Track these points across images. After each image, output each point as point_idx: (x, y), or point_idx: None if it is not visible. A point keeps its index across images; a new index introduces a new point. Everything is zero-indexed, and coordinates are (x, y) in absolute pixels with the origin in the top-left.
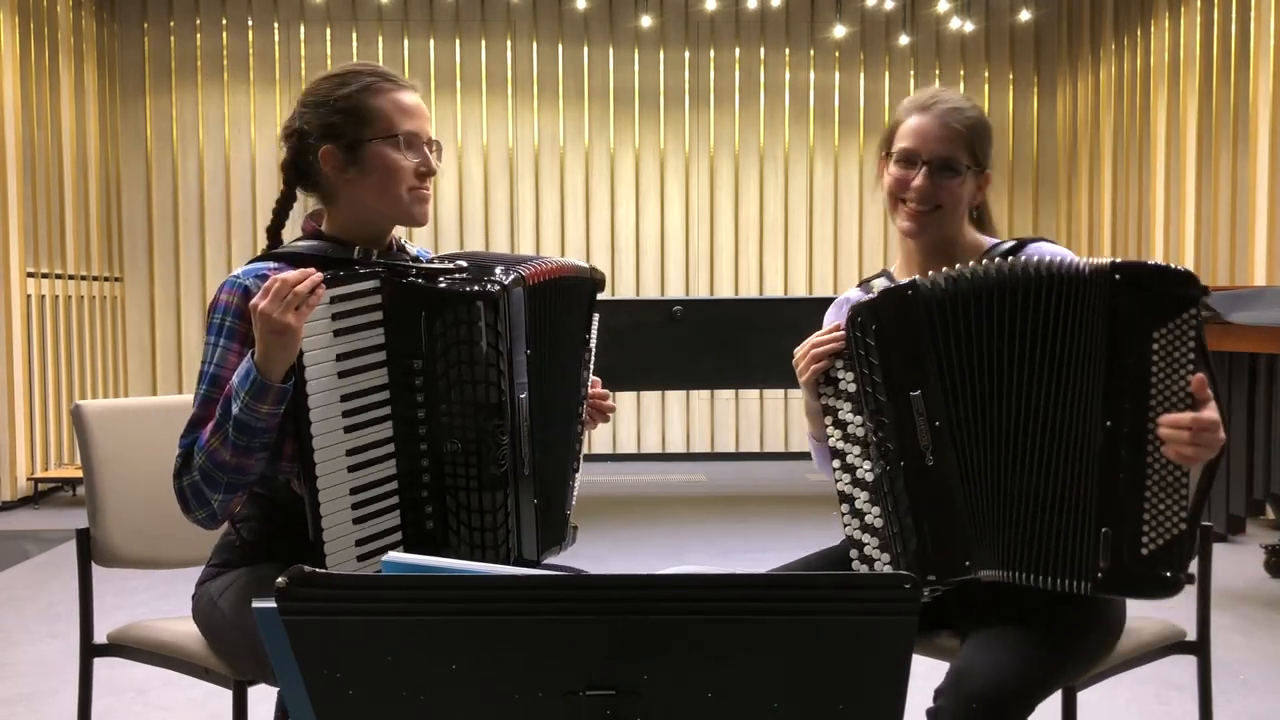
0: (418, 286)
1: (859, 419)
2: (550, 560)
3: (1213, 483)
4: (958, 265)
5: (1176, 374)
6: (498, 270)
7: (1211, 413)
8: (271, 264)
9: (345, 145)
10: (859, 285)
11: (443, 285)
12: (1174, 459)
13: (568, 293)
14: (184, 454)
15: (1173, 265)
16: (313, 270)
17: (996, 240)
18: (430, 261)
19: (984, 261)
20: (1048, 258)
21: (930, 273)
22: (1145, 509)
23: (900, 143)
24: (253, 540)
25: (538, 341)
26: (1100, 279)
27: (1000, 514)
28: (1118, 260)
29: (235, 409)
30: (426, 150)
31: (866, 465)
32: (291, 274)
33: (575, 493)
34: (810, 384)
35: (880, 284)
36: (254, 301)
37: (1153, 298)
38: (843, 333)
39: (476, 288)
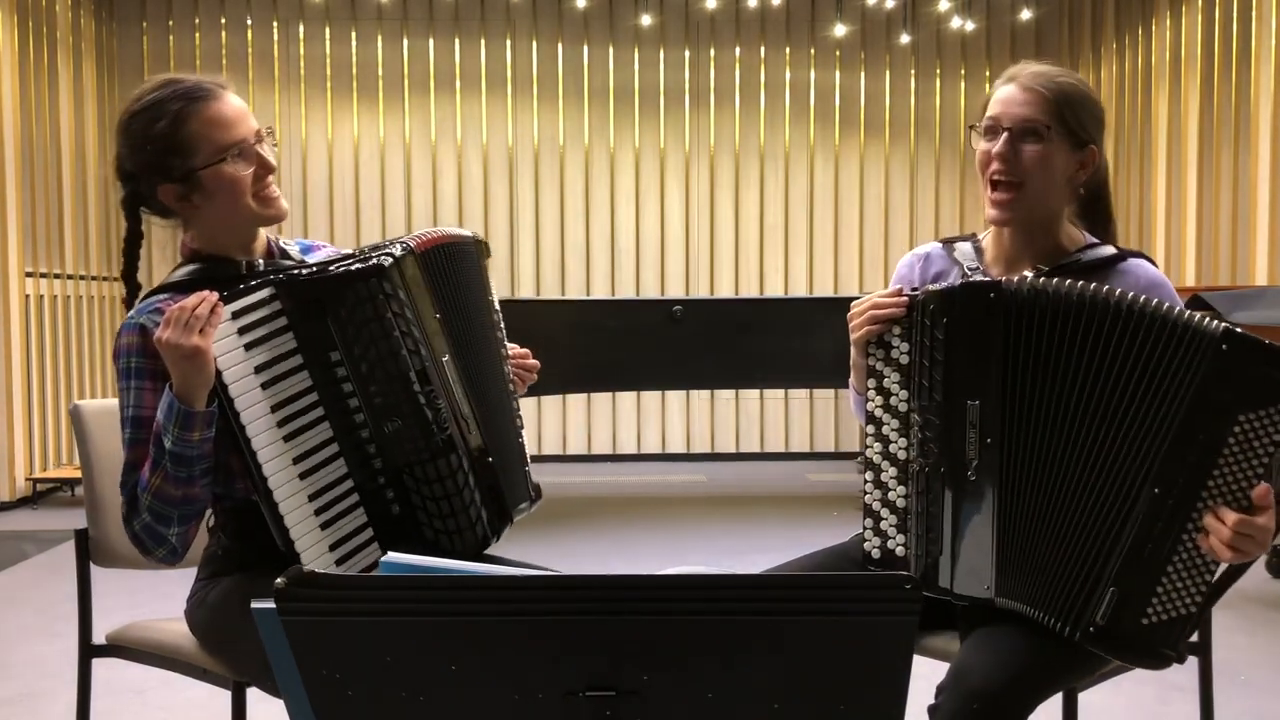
0: (312, 281)
1: (904, 394)
2: (524, 511)
3: (1238, 577)
4: (1039, 279)
5: (1248, 464)
6: (385, 246)
7: (1265, 520)
8: (162, 296)
9: (179, 179)
10: (942, 242)
11: (335, 272)
12: (1206, 550)
13: (459, 257)
14: (128, 499)
15: None
16: (207, 292)
17: (1094, 241)
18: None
19: (1069, 283)
20: (1154, 300)
21: (1017, 278)
22: (1161, 583)
23: (987, 115)
24: (234, 547)
25: (445, 305)
26: (1205, 342)
27: (1035, 549)
28: (1229, 328)
29: (168, 444)
30: (259, 149)
31: (902, 442)
32: (188, 300)
33: (527, 451)
34: (860, 343)
35: (965, 250)
36: (157, 335)
37: (1253, 380)
38: (906, 300)
39: (368, 265)
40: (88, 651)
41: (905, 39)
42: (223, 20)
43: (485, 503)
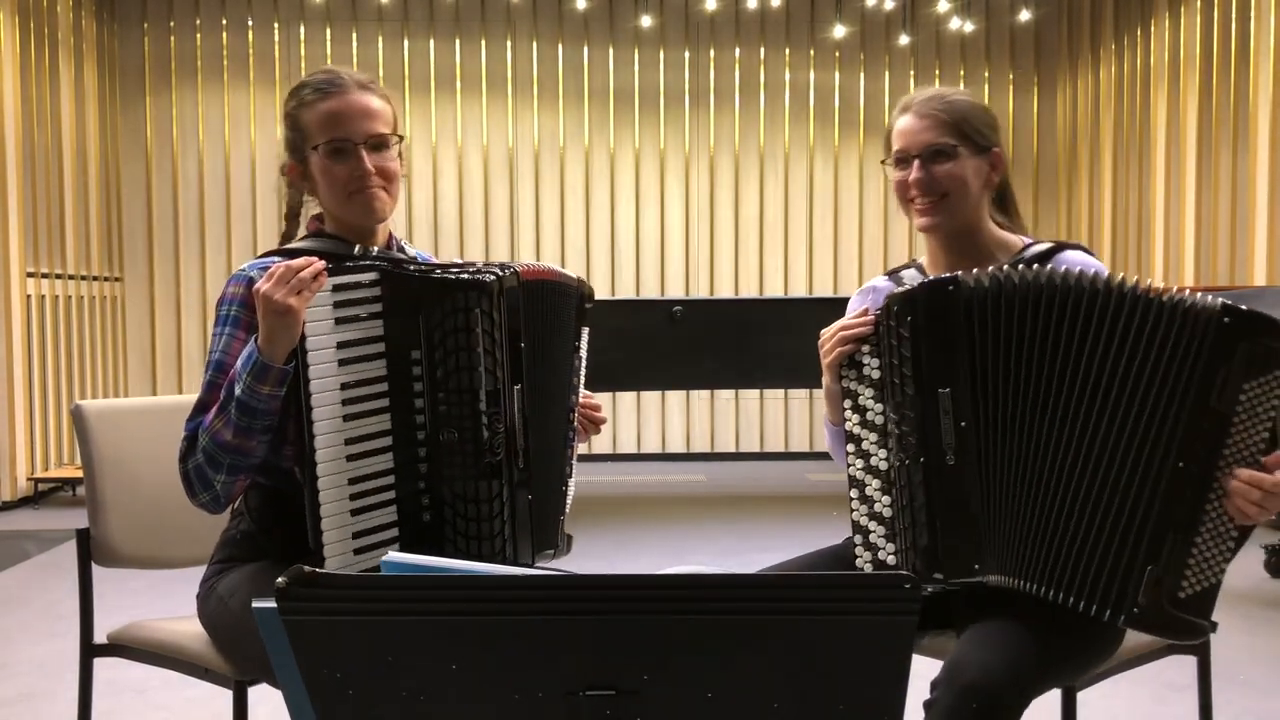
0: (416, 278)
1: (879, 407)
2: (543, 565)
3: (1249, 535)
4: (1004, 267)
5: (1255, 429)
6: (492, 265)
7: None
8: (276, 258)
9: (299, 159)
10: (887, 274)
11: (439, 276)
12: (1232, 513)
13: (559, 295)
14: (189, 437)
15: (1275, 317)
16: (316, 258)
17: (1029, 240)
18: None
19: (1034, 268)
20: (1136, 281)
21: (975, 270)
22: (1192, 555)
23: (894, 147)
24: (254, 533)
25: (531, 336)
26: (1207, 319)
27: (1024, 525)
28: (1227, 302)
29: (238, 390)
30: (365, 152)
31: (882, 454)
32: (297, 260)
33: (569, 502)
34: (833, 366)
35: (911, 274)
36: (257, 285)
37: (1255, 349)
38: (872, 319)
39: (472, 278)
40: (88, 651)
41: (904, 40)
42: (224, 21)
43: (512, 536)
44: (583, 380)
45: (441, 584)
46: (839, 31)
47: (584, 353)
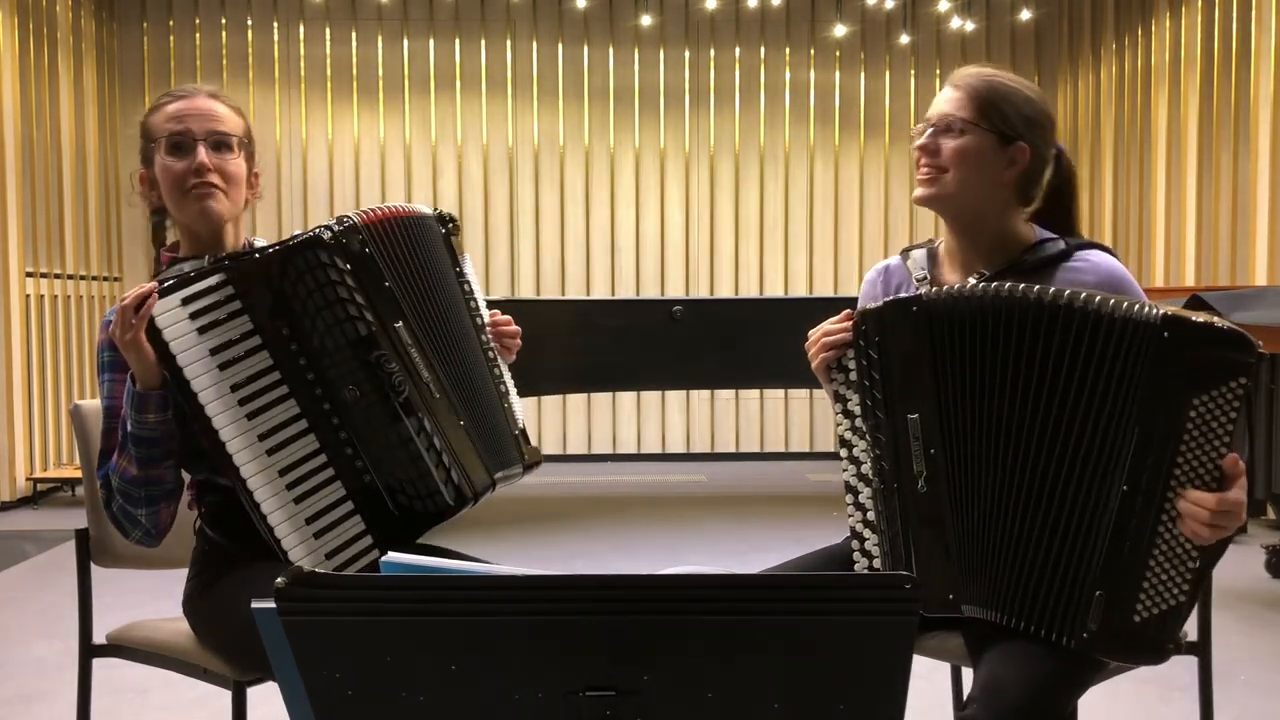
0: (256, 261)
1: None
2: (515, 480)
3: (1221, 555)
4: (969, 282)
5: (1210, 445)
6: (329, 223)
7: (1238, 493)
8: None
9: (146, 165)
10: (901, 252)
11: (277, 250)
12: (1188, 536)
13: (416, 230)
14: (103, 484)
15: (1227, 326)
16: (145, 286)
17: (1050, 236)
18: None
19: (994, 285)
20: (1084, 294)
21: (937, 288)
22: (1146, 578)
23: None
24: (221, 544)
25: (397, 273)
26: (1146, 332)
27: (994, 554)
28: (1168, 313)
29: (129, 426)
30: (205, 149)
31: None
32: (128, 296)
33: (519, 414)
34: (821, 370)
35: (918, 256)
36: (110, 331)
37: (1200, 363)
38: (851, 324)
39: (307, 237)
40: (88, 651)
41: (905, 39)
42: (223, 21)
43: (455, 464)
44: (482, 304)
45: (441, 584)
46: (839, 31)
47: (471, 276)
